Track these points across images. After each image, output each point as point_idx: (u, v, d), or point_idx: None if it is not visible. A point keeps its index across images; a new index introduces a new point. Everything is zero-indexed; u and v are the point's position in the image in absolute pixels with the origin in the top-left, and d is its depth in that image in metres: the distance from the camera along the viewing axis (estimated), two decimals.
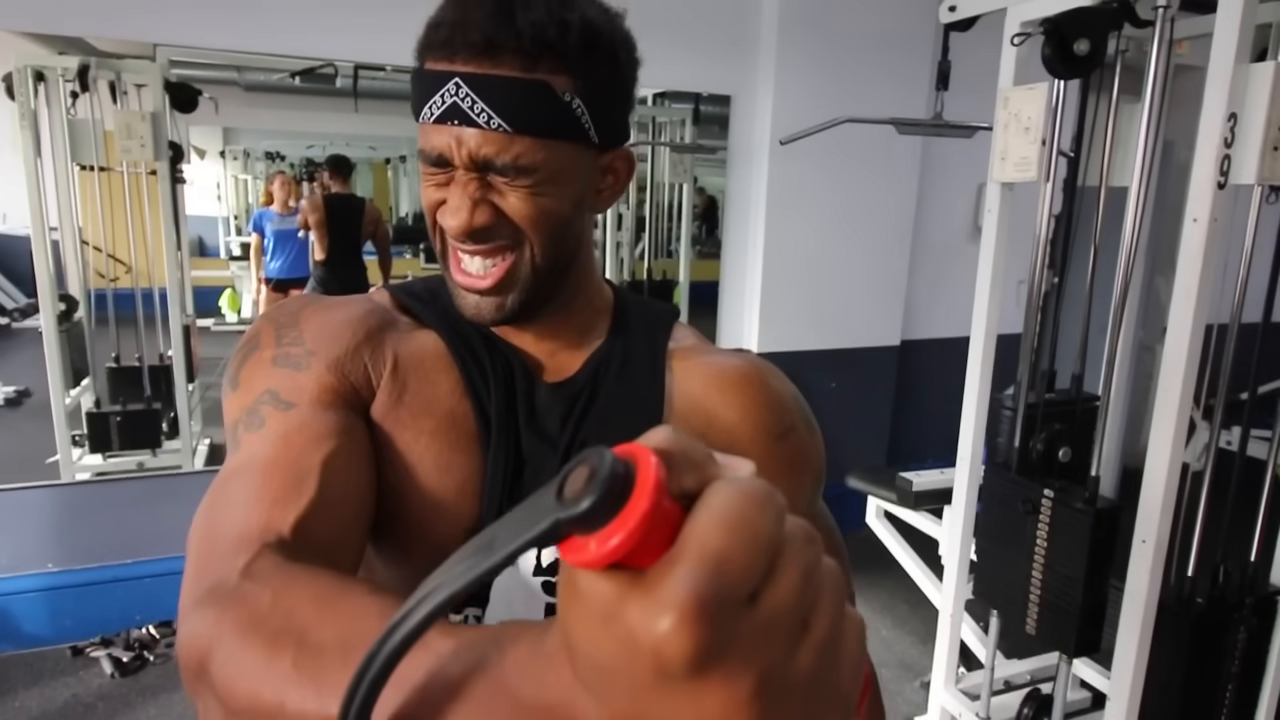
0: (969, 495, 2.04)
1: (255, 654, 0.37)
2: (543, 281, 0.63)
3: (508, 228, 0.60)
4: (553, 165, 0.58)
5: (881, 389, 3.51)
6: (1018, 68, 1.85)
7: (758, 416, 0.67)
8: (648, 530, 0.23)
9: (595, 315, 0.70)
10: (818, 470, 0.71)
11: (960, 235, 3.55)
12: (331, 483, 0.53)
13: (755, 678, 0.22)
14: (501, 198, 0.59)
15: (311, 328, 0.62)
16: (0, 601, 2.46)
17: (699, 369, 0.69)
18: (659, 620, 0.21)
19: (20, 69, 2.36)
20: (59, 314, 2.57)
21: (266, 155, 3.37)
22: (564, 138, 0.58)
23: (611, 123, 0.62)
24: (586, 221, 0.66)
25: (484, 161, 0.57)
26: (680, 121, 3.34)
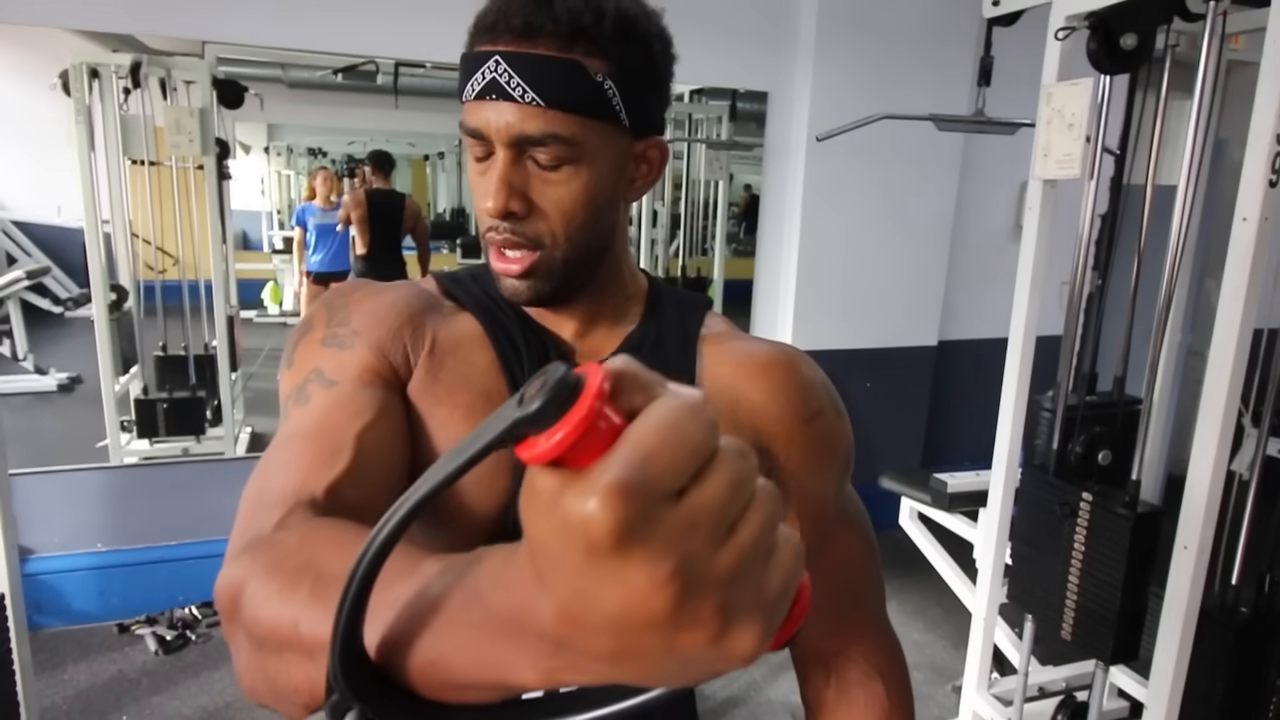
0: (1005, 497, 2.01)
1: (278, 586, 0.41)
2: (575, 269, 0.65)
3: (538, 222, 0.62)
4: (586, 144, 0.60)
5: (917, 389, 3.46)
6: (1062, 63, 1.81)
7: (785, 399, 0.68)
8: (588, 429, 0.25)
9: (629, 301, 0.72)
10: (846, 454, 0.72)
11: (1001, 235, 3.49)
12: (365, 453, 0.57)
13: (674, 563, 0.24)
14: (539, 182, 0.61)
15: (359, 311, 0.66)
16: (52, 579, 2.56)
17: (729, 354, 0.70)
18: (587, 501, 0.24)
19: (76, 66, 2.44)
20: (110, 304, 2.65)
21: (309, 151, 3.44)
22: (596, 116, 0.60)
23: (645, 110, 0.63)
24: (620, 210, 0.68)
25: (520, 136, 0.59)
26: (717, 118, 3.34)
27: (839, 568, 0.73)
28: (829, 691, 0.76)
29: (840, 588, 0.73)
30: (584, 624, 0.26)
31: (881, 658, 0.76)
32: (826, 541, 0.72)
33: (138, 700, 2.26)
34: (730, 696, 2.40)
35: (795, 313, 3.16)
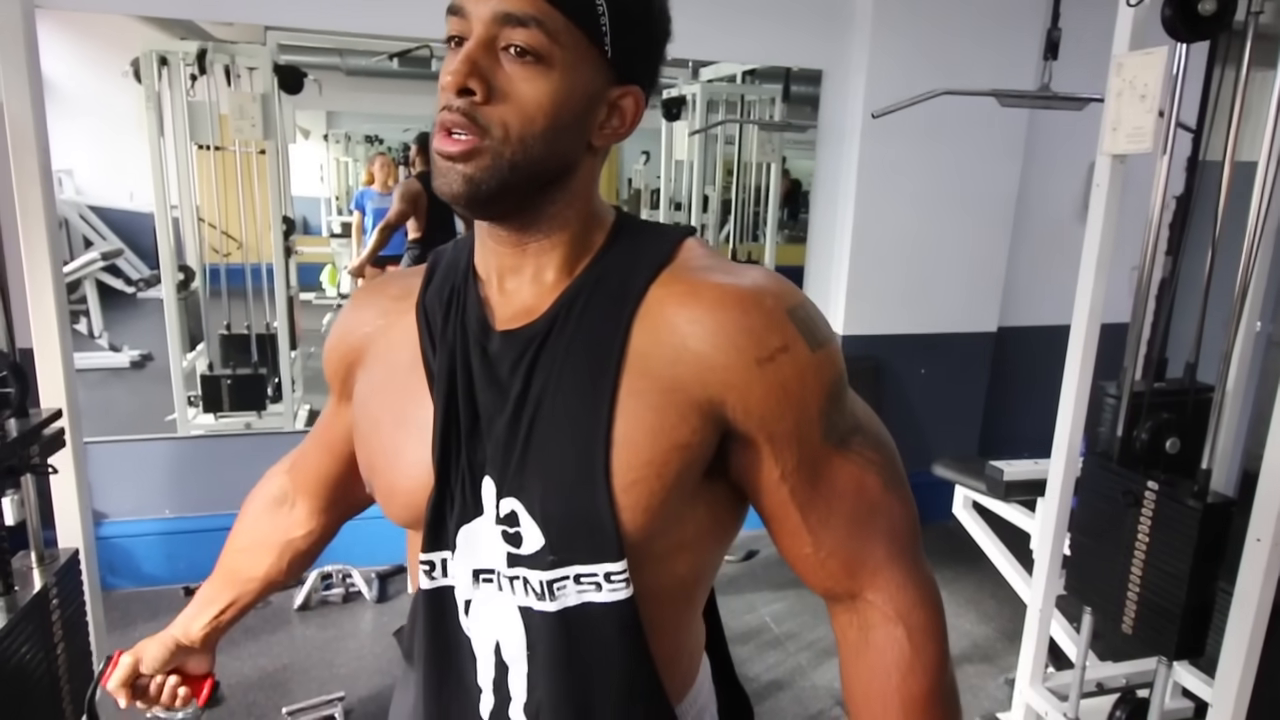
0: (1065, 486, 1.95)
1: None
2: (518, 179, 0.59)
3: (493, 109, 0.57)
4: (563, 47, 0.57)
5: (975, 377, 3.37)
6: (1135, 31, 1.73)
7: (732, 342, 0.59)
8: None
9: (582, 247, 0.65)
10: (830, 384, 0.63)
11: (1066, 217, 3.36)
12: (311, 448, 0.88)
13: None
14: (506, 74, 0.57)
15: (336, 327, 0.78)
16: (124, 543, 2.69)
17: (676, 294, 0.61)
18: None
19: (146, 54, 2.53)
20: (178, 284, 2.76)
21: (366, 139, 3.51)
22: (581, 25, 0.57)
23: (629, 51, 0.60)
24: (583, 149, 0.63)
25: (501, 14, 0.56)
26: (770, 100, 3.29)
27: (840, 505, 0.65)
28: (852, 632, 0.69)
29: (845, 526, 0.66)
30: None
31: (903, 597, 0.67)
32: (819, 479, 0.64)
33: None
34: (775, 680, 2.39)
35: (848, 297, 3.11)
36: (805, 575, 0.69)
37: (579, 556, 0.61)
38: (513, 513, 0.61)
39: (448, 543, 0.64)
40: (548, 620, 0.62)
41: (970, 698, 2.37)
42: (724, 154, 3.46)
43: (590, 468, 0.59)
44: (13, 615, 1.30)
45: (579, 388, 0.60)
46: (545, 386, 0.61)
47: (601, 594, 0.61)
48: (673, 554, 0.66)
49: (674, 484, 0.60)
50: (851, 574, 0.67)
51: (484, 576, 0.64)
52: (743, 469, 0.65)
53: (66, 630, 1.48)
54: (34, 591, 1.38)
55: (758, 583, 2.81)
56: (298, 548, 0.90)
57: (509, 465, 0.61)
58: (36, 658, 1.38)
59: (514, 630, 0.63)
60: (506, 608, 0.63)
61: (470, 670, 0.66)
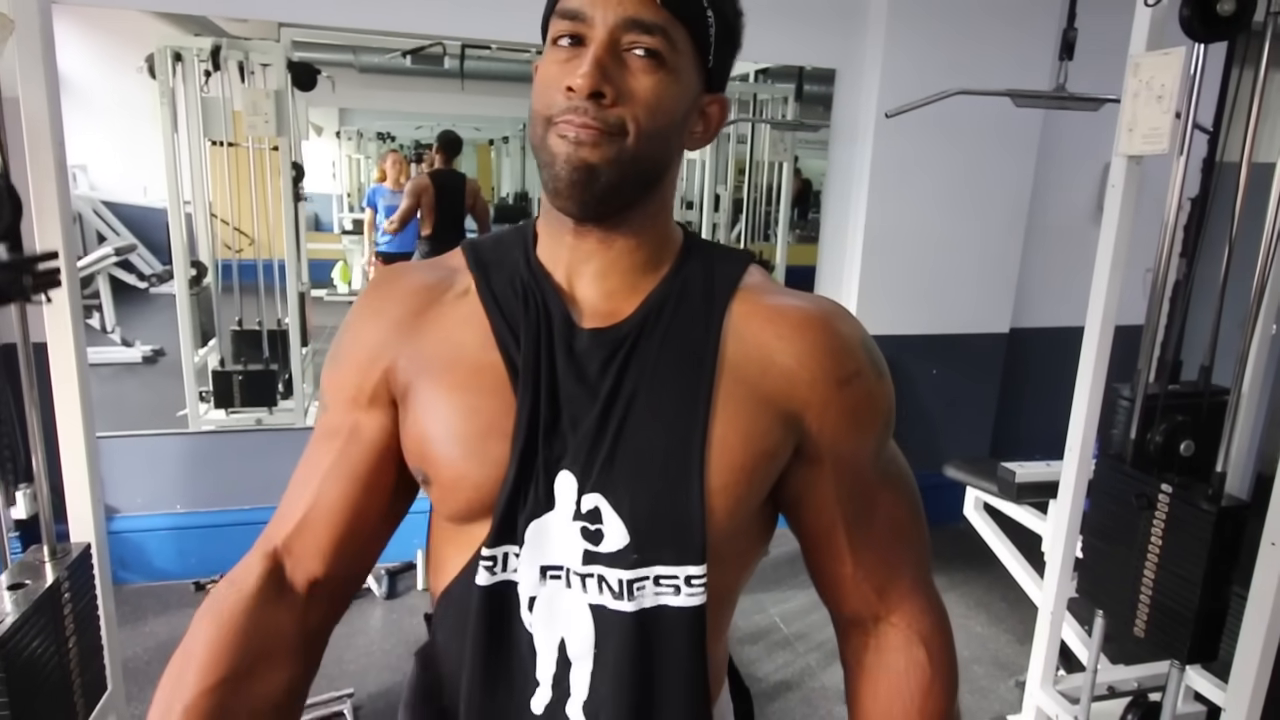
0: (1077, 488, 1.93)
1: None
2: (637, 174, 0.61)
3: (622, 108, 0.59)
4: (679, 55, 0.60)
5: (986, 378, 3.36)
6: (1152, 32, 1.71)
7: (818, 363, 0.64)
8: None
9: (662, 251, 0.68)
10: (886, 416, 0.69)
11: (1081, 218, 3.34)
12: (320, 500, 0.68)
13: None
14: (629, 75, 0.59)
15: (356, 322, 0.70)
16: (135, 537, 2.70)
17: (761, 311, 0.66)
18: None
19: (161, 50, 2.54)
20: (190, 279, 2.77)
21: (378, 136, 3.51)
22: (695, 37, 0.61)
23: (722, 62, 0.64)
24: (679, 151, 0.65)
25: (630, 20, 0.58)
26: (782, 99, 3.27)
27: (879, 531, 0.71)
28: (868, 655, 0.73)
29: (880, 551, 0.71)
30: None
31: (924, 622, 0.72)
32: (866, 505, 0.69)
33: None
34: (784, 680, 2.39)
35: (859, 296, 3.10)
36: (838, 595, 0.73)
37: (663, 557, 0.61)
38: (596, 509, 0.61)
39: (516, 537, 0.63)
40: (622, 620, 0.62)
41: (981, 700, 2.36)
42: (736, 153, 3.45)
43: (686, 468, 0.60)
44: (25, 609, 1.31)
45: (674, 389, 0.62)
46: (638, 387, 0.62)
47: (679, 598, 0.62)
48: (737, 559, 0.69)
49: (758, 490, 0.64)
50: (881, 597, 0.72)
51: (552, 573, 0.63)
52: (800, 486, 0.68)
53: (78, 624, 1.49)
54: (46, 585, 1.39)
55: (767, 583, 2.81)
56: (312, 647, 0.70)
57: (595, 462, 0.61)
58: (48, 651, 1.39)
59: (583, 627, 0.63)
60: (576, 605, 0.63)
61: (528, 665, 0.65)
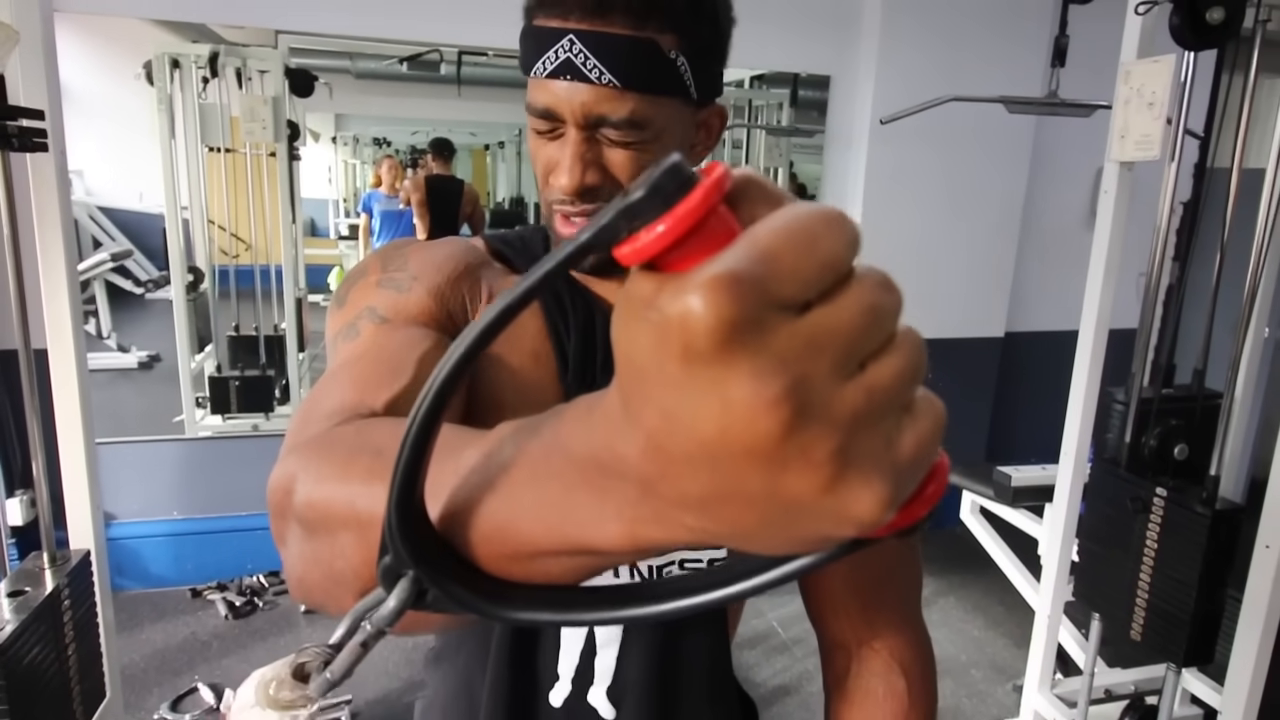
0: (1073, 491, 1.94)
1: (334, 469, 0.37)
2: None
3: (608, 193, 0.61)
4: (659, 122, 0.60)
5: (982, 382, 3.37)
6: (1142, 39, 1.73)
7: None
8: (697, 224, 0.22)
9: None
10: None
11: (1074, 223, 3.37)
12: (425, 376, 0.53)
13: (787, 382, 0.20)
14: (609, 156, 0.61)
15: (417, 258, 0.66)
16: (131, 544, 2.70)
17: None
18: (689, 296, 0.20)
19: (159, 56, 2.55)
20: (187, 285, 2.77)
21: (375, 141, 3.52)
22: (668, 93, 0.60)
23: (710, 79, 0.64)
24: None
25: (597, 118, 0.59)
26: (778, 105, 3.29)
27: (871, 554, 0.70)
28: (849, 680, 0.74)
29: (871, 575, 0.72)
30: (674, 456, 0.22)
31: (908, 653, 0.73)
32: None
33: (208, 661, 2.37)
34: (782, 685, 2.39)
35: None
36: (826, 616, 0.74)
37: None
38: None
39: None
40: None
41: (978, 704, 2.37)
42: (731, 159, 3.47)
43: None
44: (25, 616, 1.31)
45: None
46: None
47: None
48: None
49: None
50: (868, 622, 0.73)
51: None
52: None
53: (78, 631, 1.49)
54: (46, 592, 1.38)
55: None
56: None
57: None
58: (48, 659, 1.38)
59: None
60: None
61: (550, 658, 0.67)
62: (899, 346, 0.22)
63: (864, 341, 0.21)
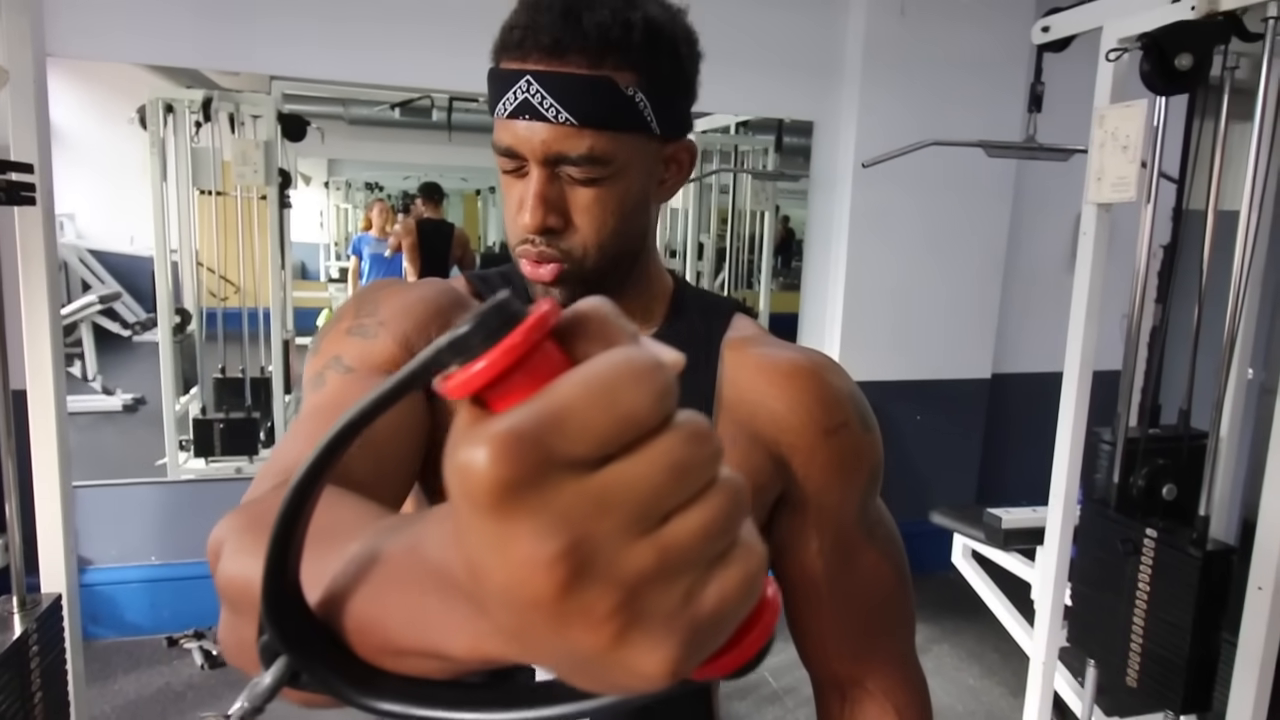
0: (1063, 533, 1.93)
1: (249, 542, 0.38)
2: (605, 275, 0.65)
3: (572, 236, 0.62)
4: (620, 158, 0.61)
5: (970, 424, 3.37)
6: (1115, 85, 1.78)
7: (806, 410, 0.66)
8: (515, 363, 0.22)
9: (654, 301, 0.71)
10: (872, 470, 0.69)
11: (1057, 265, 3.40)
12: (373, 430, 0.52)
13: (565, 543, 0.20)
14: (573, 196, 0.62)
15: (389, 303, 0.67)
16: (107, 590, 2.64)
17: (752, 359, 0.68)
18: (474, 448, 0.20)
19: (153, 101, 2.58)
20: (174, 326, 2.76)
21: (366, 186, 3.56)
22: (628, 130, 0.61)
23: (674, 114, 0.64)
24: (651, 212, 0.68)
25: (556, 155, 0.60)
26: (763, 150, 3.35)
27: (861, 590, 0.70)
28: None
29: (861, 612, 0.71)
30: (483, 587, 0.22)
31: (901, 695, 0.72)
32: (849, 561, 0.69)
33: (183, 713, 2.29)
34: None
35: (842, 344, 3.12)
36: (814, 652, 0.73)
37: None
38: None
39: None
40: None
41: None
42: (718, 203, 3.52)
43: None
44: None
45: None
46: None
47: None
48: None
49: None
50: (857, 659, 0.71)
51: None
52: (784, 535, 0.68)
53: (45, 679, 1.44)
54: (14, 637, 1.35)
55: None
56: None
57: None
58: (13, 708, 1.34)
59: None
60: None
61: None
62: (709, 499, 0.22)
63: (663, 497, 0.21)
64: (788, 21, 2.97)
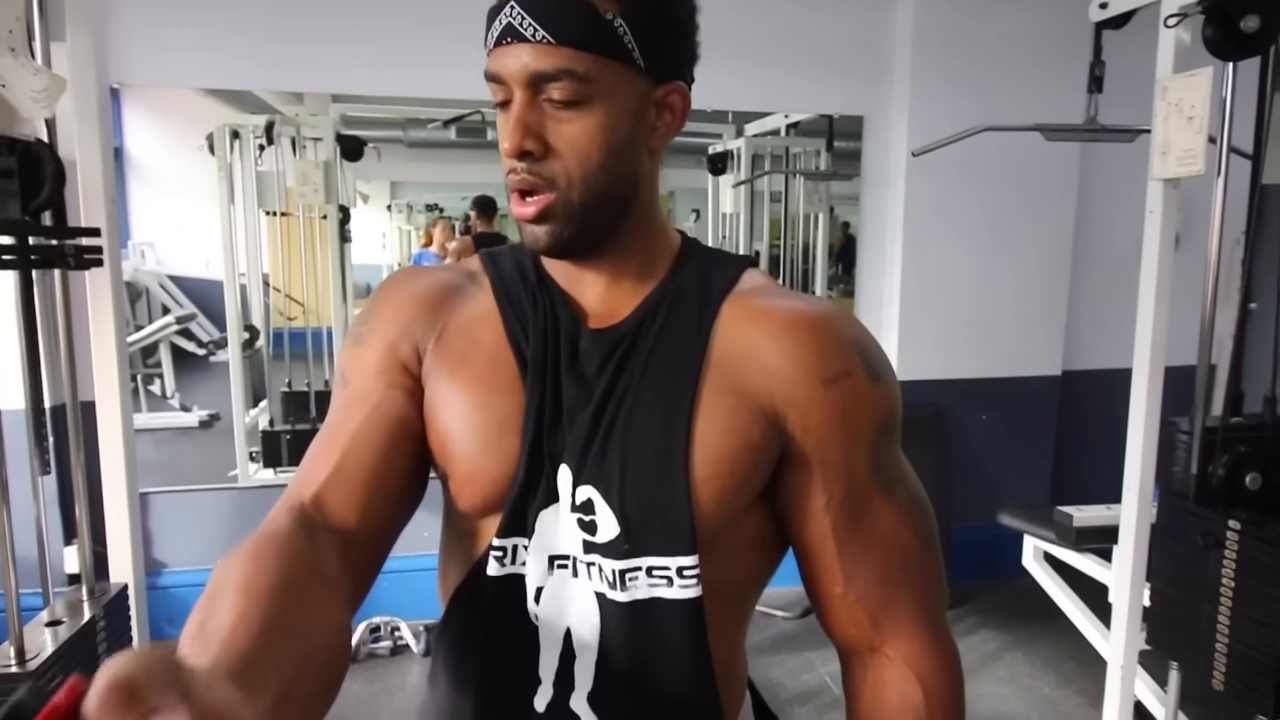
0: (1139, 530, 1.82)
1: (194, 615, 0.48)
2: (593, 214, 0.63)
3: (553, 162, 0.62)
4: (599, 82, 0.60)
5: (1040, 422, 3.23)
6: (1178, 54, 1.69)
7: (803, 360, 0.63)
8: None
9: (656, 258, 0.70)
10: (883, 420, 0.66)
11: (1130, 256, 3.24)
12: (348, 457, 0.64)
13: None
14: (556, 127, 0.61)
15: (385, 305, 0.71)
16: (181, 593, 2.75)
17: (749, 311, 0.66)
18: None
19: (220, 128, 2.72)
20: (243, 342, 2.88)
21: (427, 208, 3.66)
22: (607, 54, 0.60)
23: (661, 52, 0.63)
24: (643, 160, 0.66)
25: (533, 74, 0.60)
26: (815, 152, 3.31)
27: (877, 551, 0.66)
28: (866, 688, 0.69)
29: (878, 574, 0.66)
30: None
31: (924, 661, 0.67)
32: (861, 519, 0.65)
33: None
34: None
35: (899, 341, 3.04)
36: (829, 617, 0.69)
37: (654, 547, 0.62)
38: (589, 500, 0.63)
39: (526, 529, 0.64)
40: (619, 609, 0.63)
41: None
42: (770, 210, 3.48)
43: (671, 460, 0.61)
44: (59, 645, 1.33)
45: (663, 387, 0.64)
46: (630, 384, 0.65)
47: (672, 589, 0.62)
48: (734, 554, 0.67)
49: (743, 483, 0.63)
50: (875, 624, 0.67)
51: (559, 563, 0.65)
52: (790, 493, 0.66)
53: None
54: (82, 621, 1.41)
55: (817, 640, 2.68)
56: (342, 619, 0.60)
57: (588, 455, 0.63)
58: None
59: (589, 615, 0.64)
60: (583, 593, 0.64)
61: (530, 660, 0.65)
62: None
63: None
64: (833, 14, 2.94)
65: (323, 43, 2.63)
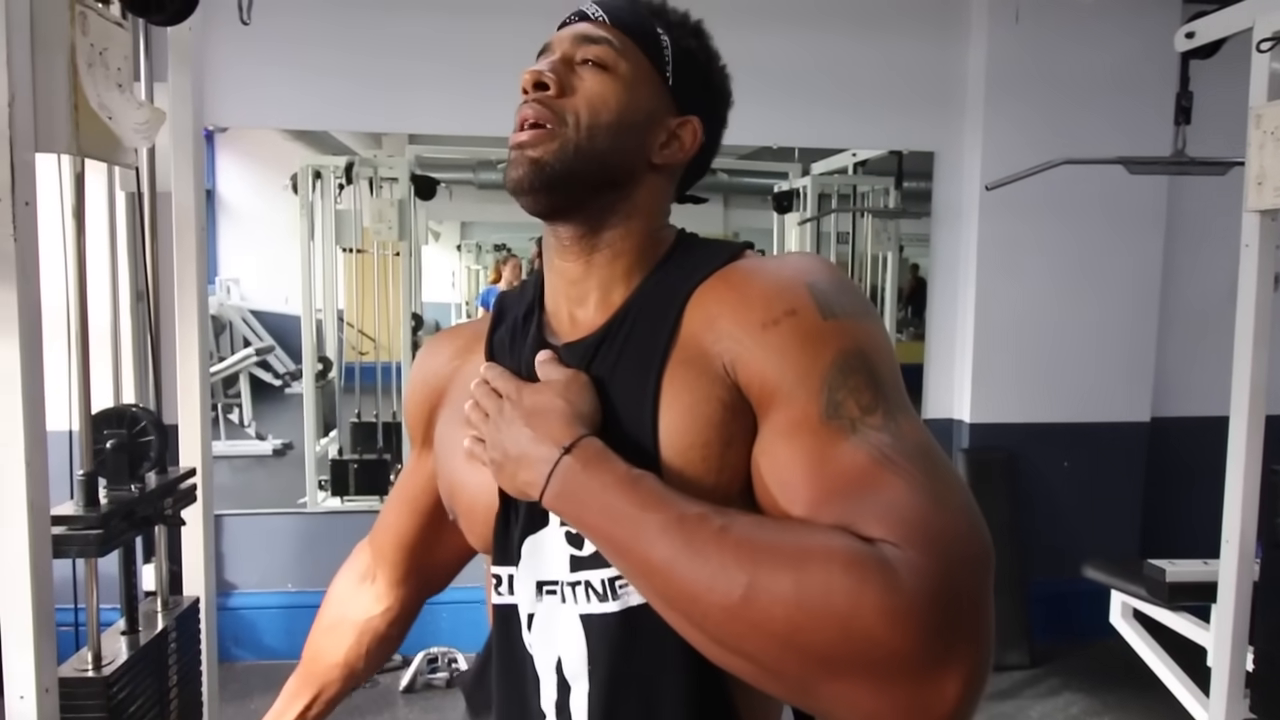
0: (1239, 586, 1.68)
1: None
2: (582, 168, 0.63)
3: (566, 102, 0.64)
4: (628, 61, 0.66)
5: (1127, 471, 3.04)
6: (1272, 81, 1.61)
7: (746, 310, 0.59)
8: None
9: (644, 259, 0.68)
10: (837, 358, 0.55)
11: (1225, 295, 3.06)
12: (391, 509, 0.86)
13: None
14: (579, 78, 0.65)
15: (410, 379, 0.82)
16: (247, 614, 2.81)
17: (716, 284, 0.63)
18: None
19: (304, 169, 2.86)
20: (316, 374, 2.98)
21: (495, 248, 3.76)
22: (646, 52, 0.67)
23: (689, 84, 0.68)
24: (645, 160, 0.67)
25: (581, 35, 0.66)
26: (883, 190, 3.26)
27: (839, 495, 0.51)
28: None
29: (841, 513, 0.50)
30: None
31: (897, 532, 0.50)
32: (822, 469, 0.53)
33: None
34: None
35: (973, 382, 2.93)
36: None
37: None
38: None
39: (513, 556, 0.65)
40: (608, 624, 0.61)
41: None
42: (838, 251, 3.43)
43: (641, 453, 0.60)
44: (134, 652, 1.38)
45: (630, 383, 0.63)
46: (599, 389, 0.64)
47: None
48: None
49: (718, 462, 0.59)
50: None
51: (547, 589, 0.64)
52: (757, 468, 0.58)
53: (182, 676, 1.55)
54: (156, 631, 1.47)
55: None
56: (377, 628, 0.88)
57: None
58: (150, 699, 1.44)
59: (575, 643, 0.62)
60: (568, 619, 0.63)
61: (534, 694, 0.65)
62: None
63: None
64: (901, 49, 2.91)
65: (401, 85, 2.75)
